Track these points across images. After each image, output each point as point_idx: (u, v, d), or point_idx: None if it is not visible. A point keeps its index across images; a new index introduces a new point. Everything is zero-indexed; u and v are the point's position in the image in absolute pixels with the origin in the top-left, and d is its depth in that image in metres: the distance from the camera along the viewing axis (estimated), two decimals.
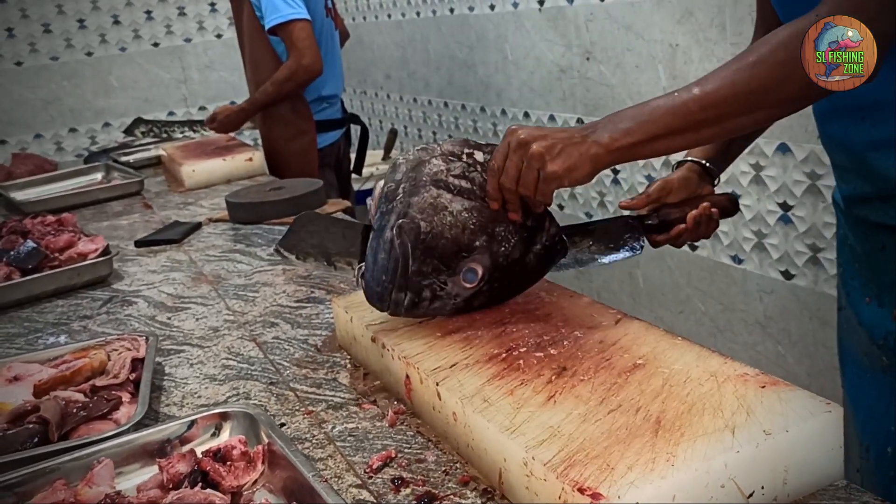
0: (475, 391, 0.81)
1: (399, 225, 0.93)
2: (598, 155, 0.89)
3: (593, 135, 0.90)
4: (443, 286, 0.95)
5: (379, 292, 0.96)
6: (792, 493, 0.70)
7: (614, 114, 0.91)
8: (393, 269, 0.93)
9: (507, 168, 0.93)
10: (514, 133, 0.92)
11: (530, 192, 0.93)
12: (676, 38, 2.07)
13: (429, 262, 0.94)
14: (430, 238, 0.93)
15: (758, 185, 1.93)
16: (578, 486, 0.63)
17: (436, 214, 0.93)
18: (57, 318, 1.42)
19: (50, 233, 1.70)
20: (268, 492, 0.80)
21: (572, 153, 0.89)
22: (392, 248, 0.93)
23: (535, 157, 0.90)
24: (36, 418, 0.92)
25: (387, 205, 0.95)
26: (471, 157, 0.98)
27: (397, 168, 0.97)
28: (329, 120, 2.67)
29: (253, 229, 1.84)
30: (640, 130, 0.88)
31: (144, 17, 4.27)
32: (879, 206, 1.02)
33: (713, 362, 0.81)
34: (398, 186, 0.95)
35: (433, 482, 0.79)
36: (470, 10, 3.04)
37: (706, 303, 2.19)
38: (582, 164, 0.89)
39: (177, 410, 1.02)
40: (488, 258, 0.96)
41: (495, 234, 0.96)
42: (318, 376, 1.06)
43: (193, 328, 1.29)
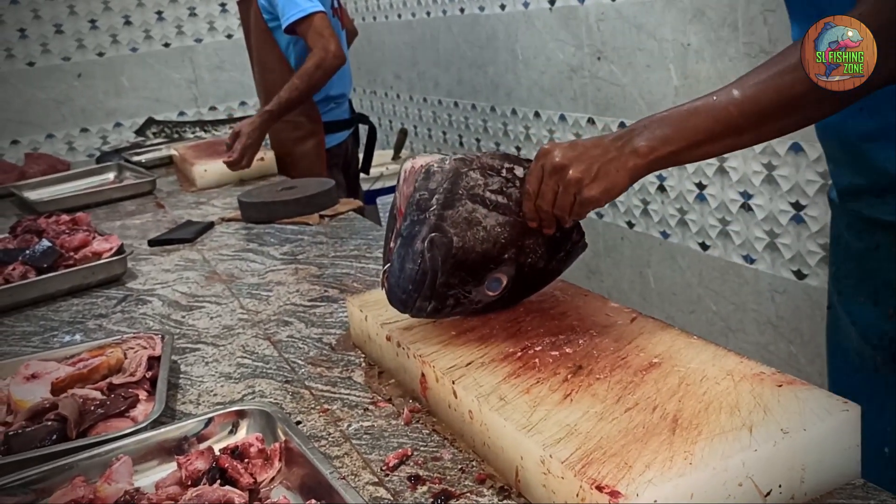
0: (491, 389, 0.81)
1: (431, 238, 0.91)
2: (637, 166, 0.87)
3: (629, 144, 0.87)
4: (467, 294, 0.96)
5: (403, 299, 0.96)
6: (809, 491, 0.70)
7: (650, 119, 0.88)
8: (420, 280, 0.93)
9: (542, 192, 0.90)
10: (549, 155, 0.90)
11: (566, 214, 0.91)
12: (688, 38, 2.07)
13: (457, 274, 0.94)
14: (461, 253, 0.92)
15: (770, 184, 1.93)
16: (596, 483, 0.63)
17: (469, 229, 0.92)
18: (72, 317, 1.43)
19: (65, 232, 1.71)
20: (285, 489, 0.81)
21: (609, 172, 0.87)
22: (422, 259, 0.92)
23: (573, 182, 0.88)
24: (54, 415, 0.92)
25: (418, 213, 0.93)
26: (510, 171, 0.94)
27: (431, 176, 0.93)
28: (337, 121, 2.67)
29: (265, 228, 1.85)
30: (679, 138, 0.85)
31: (155, 17, 4.28)
32: (872, 200, 1.02)
33: (729, 361, 0.81)
34: (432, 196, 0.92)
35: (449, 480, 0.79)
36: (480, 9, 3.05)
37: (718, 303, 2.19)
38: (620, 182, 0.87)
39: (193, 408, 1.03)
40: (514, 269, 0.97)
41: (524, 247, 0.96)
42: (333, 375, 1.07)
43: (208, 327, 1.30)
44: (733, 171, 2.02)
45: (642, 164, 0.86)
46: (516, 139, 3.00)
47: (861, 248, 1.07)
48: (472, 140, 3.36)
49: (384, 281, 0.99)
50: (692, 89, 2.09)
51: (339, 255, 1.60)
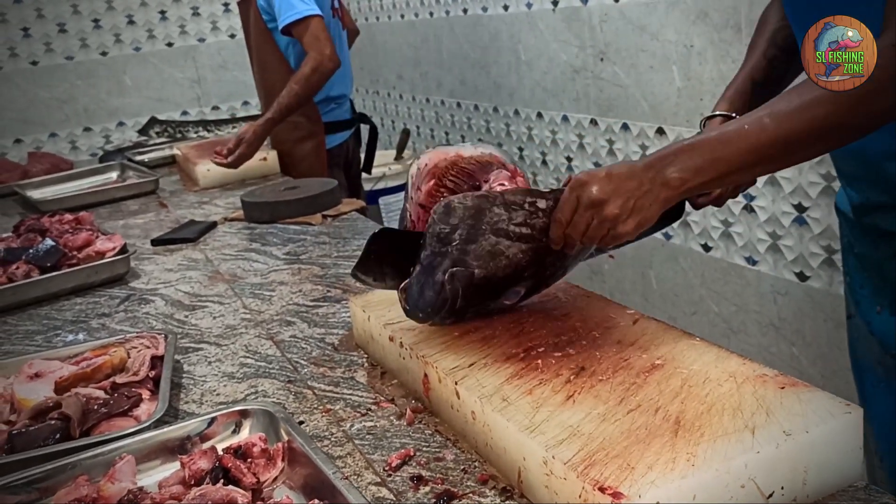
0: (494, 390, 0.81)
1: (452, 273, 0.92)
2: (669, 198, 0.86)
3: (661, 175, 0.85)
4: (485, 308, 0.98)
5: (422, 318, 0.97)
6: (812, 493, 0.70)
7: (680, 147, 0.87)
8: (440, 306, 0.94)
9: (575, 222, 0.89)
10: (586, 188, 0.87)
11: (594, 244, 0.91)
12: (691, 39, 2.07)
13: (477, 297, 0.95)
14: (483, 281, 0.93)
15: (773, 186, 1.93)
16: (599, 485, 0.64)
17: (492, 260, 0.92)
18: (75, 316, 1.43)
19: (68, 231, 1.71)
20: (288, 489, 0.81)
21: (643, 207, 0.86)
22: (442, 290, 0.93)
23: (609, 218, 0.87)
24: (58, 414, 0.93)
25: (440, 246, 0.92)
26: (533, 205, 0.93)
27: (452, 212, 0.90)
28: (338, 121, 2.67)
29: (268, 228, 1.85)
30: (711, 168, 0.84)
31: (158, 17, 4.29)
32: (891, 214, 1.02)
33: (732, 363, 0.81)
34: (454, 231, 0.90)
35: (452, 480, 0.80)
36: (483, 10, 3.05)
37: (720, 304, 2.19)
38: (652, 216, 0.87)
39: (196, 408, 1.03)
40: (532, 282, 0.98)
41: (545, 263, 0.97)
42: (336, 375, 1.07)
43: (211, 326, 1.30)
44: None
45: (674, 195, 0.86)
46: (519, 140, 3.00)
47: (877, 258, 1.06)
48: (474, 141, 3.36)
49: (402, 299, 0.98)
50: (695, 91, 2.09)
51: (341, 255, 1.60)
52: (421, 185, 0.99)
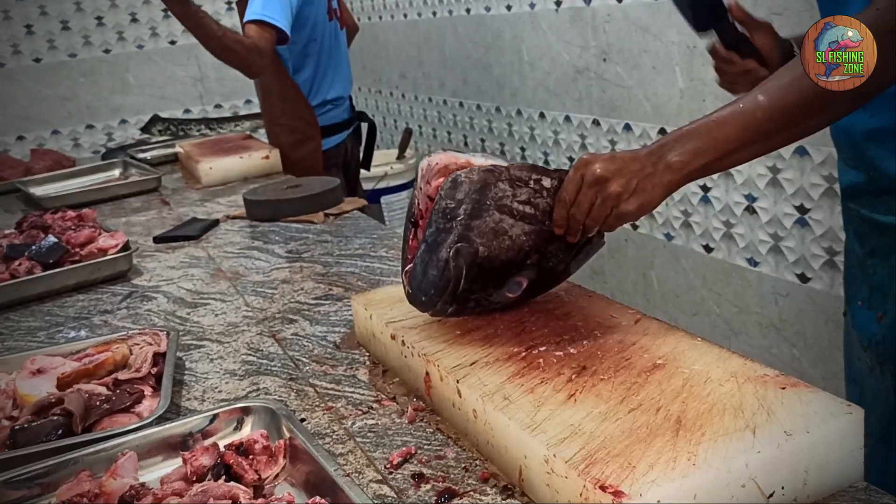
0: (495, 389, 0.82)
1: (457, 248, 0.92)
2: (672, 182, 0.88)
3: (663, 160, 0.87)
4: (487, 297, 0.97)
5: (424, 302, 0.97)
6: (812, 493, 0.70)
7: (680, 132, 0.89)
8: (443, 287, 0.94)
9: (579, 201, 0.91)
10: (589, 166, 0.90)
11: (598, 225, 0.92)
12: (694, 40, 2.07)
13: (480, 280, 0.95)
14: (486, 261, 0.93)
15: (774, 187, 1.93)
16: (600, 483, 0.64)
17: (495, 239, 0.93)
18: (78, 313, 1.43)
19: (70, 228, 1.71)
20: (289, 485, 0.81)
21: (646, 188, 0.88)
22: (446, 268, 0.93)
23: (612, 196, 0.88)
24: (60, 410, 0.93)
25: (444, 222, 0.93)
26: (538, 182, 0.95)
27: (458, 186, 0.93)
28: (335, 123, 2.66)
29: (270, 227, 1.86)
30: (711, 149, 0.86)
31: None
32: (870, 200, 1.03)
33: (733, 363, 0.81)
34: (459, 206, 0.92)
35: (453, 478, 0.80)
36: (486, 10, 3.05)
37: (721, 305, 2.19)
38: (655, 198, 0.88)
39: (198, 405, 1.03)
40: (535, 272, 0.98)
41: (547, 252, 0.97)
42: (338, 373, 1.07)
43: (213, 324, 1.31)
44: (738, 173, 2.02)
45: (676, 178, 0.88)
46: (521, 140, 3.00)
47: (861, 253, 1.08)
48: (476, 140, 3.36)
49: (405, 283, 0.99)
50: (698, 92, 2.09)
51: (343, 253, 1.60)
52: (431, 179, 1.00)
